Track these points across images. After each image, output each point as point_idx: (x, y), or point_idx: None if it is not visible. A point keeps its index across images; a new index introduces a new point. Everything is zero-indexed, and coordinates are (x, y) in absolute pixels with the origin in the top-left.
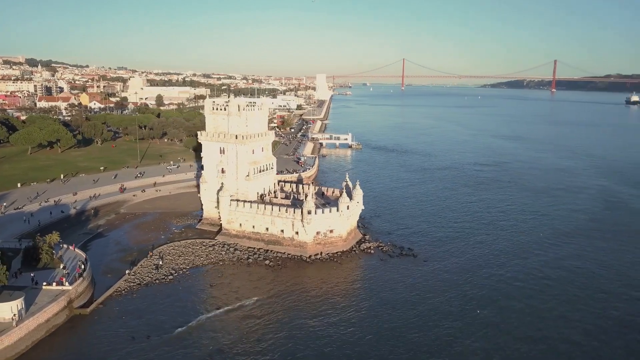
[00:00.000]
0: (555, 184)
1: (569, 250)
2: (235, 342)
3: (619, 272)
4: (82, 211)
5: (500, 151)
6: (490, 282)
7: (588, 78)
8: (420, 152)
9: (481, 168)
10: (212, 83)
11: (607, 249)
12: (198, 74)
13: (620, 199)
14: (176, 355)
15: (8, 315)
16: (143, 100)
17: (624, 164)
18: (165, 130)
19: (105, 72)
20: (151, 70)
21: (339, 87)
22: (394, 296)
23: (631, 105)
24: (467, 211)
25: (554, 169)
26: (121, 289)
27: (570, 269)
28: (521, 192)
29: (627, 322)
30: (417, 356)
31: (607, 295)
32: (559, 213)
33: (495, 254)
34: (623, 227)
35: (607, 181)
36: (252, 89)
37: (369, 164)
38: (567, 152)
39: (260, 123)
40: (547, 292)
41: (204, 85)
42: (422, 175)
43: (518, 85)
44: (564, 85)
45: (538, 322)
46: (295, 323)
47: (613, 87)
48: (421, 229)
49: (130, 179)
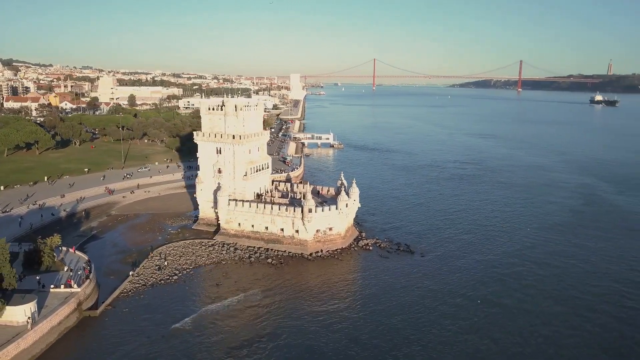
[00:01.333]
0: (534, 180)
1: (557, 243)
2: (250, 338)
3: (610, 265)
4: (73, 213)
5: (476, 149)
6: (485, 274)
7: (551, 78)
8: (400, 150)
9: (462, 166)
10: (183, 83)
11: (592, 243)
12: (167, 73)
13: (597, 194)
14: (193, 353)
15: (21, 319)
16: (114, 100)
17: (595, 161)
18: (146, 130)
19: (70, 71)
20: (118, 70)
21: (311, 87)
22: (397, 292)
23: (595, 104)
24: (454, 207)
25: (530, 165)
26: (127, 290)
27: (559, 262)
28: (503, 188)
29: (622, 313)
30: (419, 350)
31: (602, 289)
32: (543, 207)
33: (486, 246)
34: (604, 222)
35: (582, 177)
36: (225, 88)
37: (353, 163)
38: (539, 149)
39: (256, 123)
40: (542, 283)
41: (175, 85)
42: (407, 174)
43: (485, 85)
44: (529, 85)
45: (539, 314)
46: (306, 318)
47: (575, 86)
48: (413, 225)
49: (117, 180)
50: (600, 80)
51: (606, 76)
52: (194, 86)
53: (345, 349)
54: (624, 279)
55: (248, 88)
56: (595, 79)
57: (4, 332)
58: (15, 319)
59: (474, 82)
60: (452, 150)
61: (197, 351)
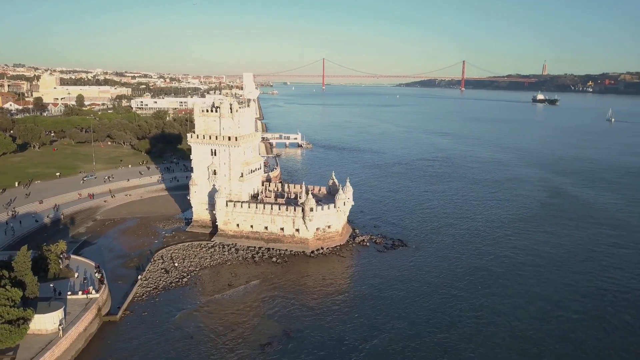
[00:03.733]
0: (499, 175)
1: (535, 232)
2: (275, 336)
3: (586, 251)
4: (57, 219)
5: (438, 147)
6: (479, 262)
7: (492, 78)
8: (369, 150)
9: (429, 163)
10: (128, 82)
11: (566, 231)
12: (110, 72)
13: (558, 187)
14: (222, 353)
15: (50, 327)
16: (60, 100)
17: (547, 156)
18: (110, 132)
19: (2, 69)
20: (55, 68)
21: (261, 86)
22: (403, 283)
23: (537, 103)
24: (433, 202)
25: (492, 161)
26: (140, 295)
27: (540, 249)
28: (473, 183)
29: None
30: (435, 331)
31: (582, 270)
32: (515, 200)
33: (473, 237)
34: (570, 212)
35: (541, 172)
36: (174, 88)
37: (325, 162)
38: (496, 146)
39: (249, 123)
40: (530, 268)
41: (119, 84)
42: (380, 171)
43: (430, 85)
44: (471, 84)
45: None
46: (327, 312)
47: (513, 86)
48: (400, 221)
49: (97, 184)
50: (536, 80)
51: (541, 76)
52: (141, 85)
53: (370, 338)
54: (600, 262)
55: (198, 87)
56: (531, 79)
57: (35, 340)
58: (45, 327)
59: (420, 81)
60: (415, 148)
61: (226, 351)
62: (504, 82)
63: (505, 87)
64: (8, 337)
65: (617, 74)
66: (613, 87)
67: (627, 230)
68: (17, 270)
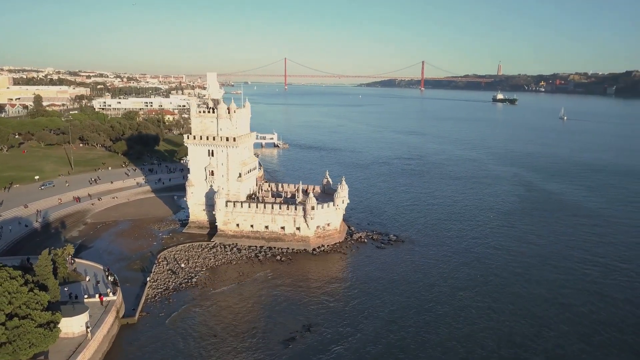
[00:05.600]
0: (474, 172)
1: (518, 224)
2: (296, 330)
3: (567, 240)
4: (47, 223)
5: (410, 145)
6: (473, 254)
7: (450, 78)
8: (345, 149)
9: (406, 161)
10: (83, 81)
11: (545, 222)
12: (62, 71)
13: (531, 182)
14: (252, 348)
15: (77, 330)
16: (15, 100)
17: (514, 153)
18: (82, 134)
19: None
20: (2, 67)
21: (222, 85)
22: (406, 278)
23: (498, 102)
24: (418, 199)
25: (465, 159)
26: (152, 296)
27: (526, 239)
28: (452, 179)
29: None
30: (446, 312)
31: (566, 257)
32: (494, 195)
33: (461, 231)
34: (546, 205)
35: (512, 168)
36: (134, 87)
37: (305, 162)
38: (464, 144)
39: (245, 123)
40: (518, 255)
41: (74, 83)
42: (361, 170)
43: (391, 85)
44: (430, 84)
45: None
46: (342, 306)
47: (470, 85)
48: (392, 217)
49: (81, 187)
50: (492, 80)
51: (497, 76)
52: (98, 85)
53: (388, 332)
54: (583, 248)
55: (159, 87)
56: (487, 79)
57: (63, 344)
58: (72, 330)
59: (380, 81)
60: (390, 147)
61: (253, 348)
62: (462, 82)
63: (463, 87)
64: (43, 341)
65: (566, 75)
66: (563, 87)
67: (603, 220)
68: (39, 274)
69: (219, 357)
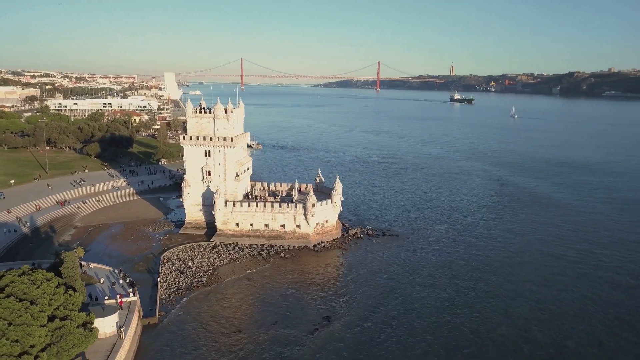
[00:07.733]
0: (447, 168)
1: (498, 217)
2: (315, 322)
3: (547, 228)
4: (36, 228)
5: (380, 144)
6: (463, 247)
7: (405, 78)
8: (319, 148)
9: (381, 160)
10: (29, 82)
11: (523, 214)
12: (4, 71)
13: (502, 178)
14: (279, 341)
15: (109, 330)
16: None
17: (480, 151)
18: (49, 136)
19: None
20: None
21: (179, 86)
22: (410, 270)
23: (455, 102)
24: (401, 195)
25: (435, 157)
26: (166, 296)
27: (508, 230)
28: (428, 175)
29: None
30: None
31: (550, 243)
32: (472, 190)
33: (448, 224)
34: (520, 198)
35: (481, 164)
36: (85, 88)
37: (282, 162)
38: (431, 142)
39: (240, 123)
40: (506, 244)
41: (19, 83)
42: (339, 169)
43: (347, 85)
44: (385, 84)
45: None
46: (355, 297)
47: (425, 86)
48: (382, 212)
49: (65, 189)
50: (445, 80)
51: (449, 76)
52: (47, 86)
53: (407, 320)
54: (557, 236)
55: (111, 88)
56: (441, 79)
57: (97, 344)
58: (104, 330)
59: (337, 82)
60: (361, 146)
61: (280, 341)
62: (417, 82)
63: (418, 87)
64: (83, 341)
65: (515, 75)
66: (512, 87)
67: (571, 210)
68: (66, 276)
69: (249, 350)
